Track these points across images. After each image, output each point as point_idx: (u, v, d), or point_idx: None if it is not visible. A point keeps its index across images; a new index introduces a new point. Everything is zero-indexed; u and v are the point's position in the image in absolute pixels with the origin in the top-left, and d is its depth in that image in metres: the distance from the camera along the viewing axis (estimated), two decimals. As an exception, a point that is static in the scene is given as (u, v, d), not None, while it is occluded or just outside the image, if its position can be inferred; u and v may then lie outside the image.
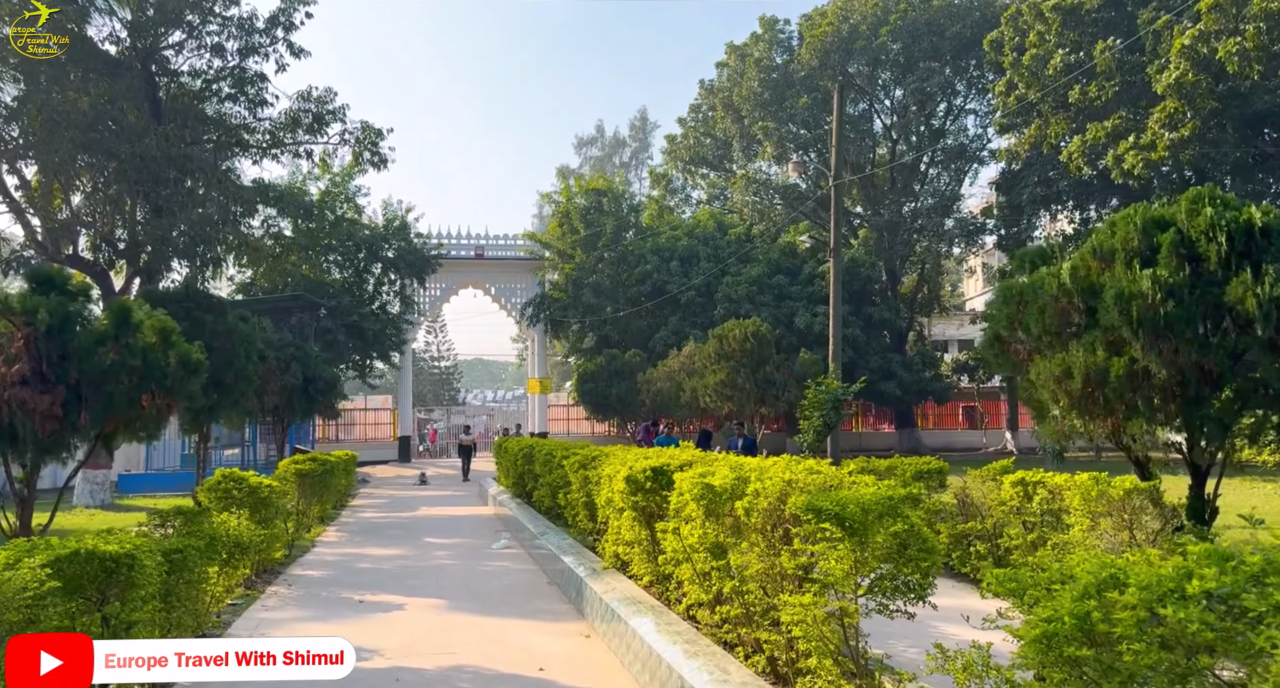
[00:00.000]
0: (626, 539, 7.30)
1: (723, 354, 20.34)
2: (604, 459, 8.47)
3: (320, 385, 18.73)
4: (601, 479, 8.10)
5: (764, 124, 34.83)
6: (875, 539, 3.97)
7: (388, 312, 35.66)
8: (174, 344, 7.39)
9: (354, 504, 21.86)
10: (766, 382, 19.80)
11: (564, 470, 10.62)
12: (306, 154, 24.96)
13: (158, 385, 7.15)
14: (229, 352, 12.39)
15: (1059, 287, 8.59)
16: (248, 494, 10.07)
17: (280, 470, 15.26)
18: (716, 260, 35.10)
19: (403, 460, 37.28)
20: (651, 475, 6.94)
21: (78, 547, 4.26)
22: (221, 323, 12.43)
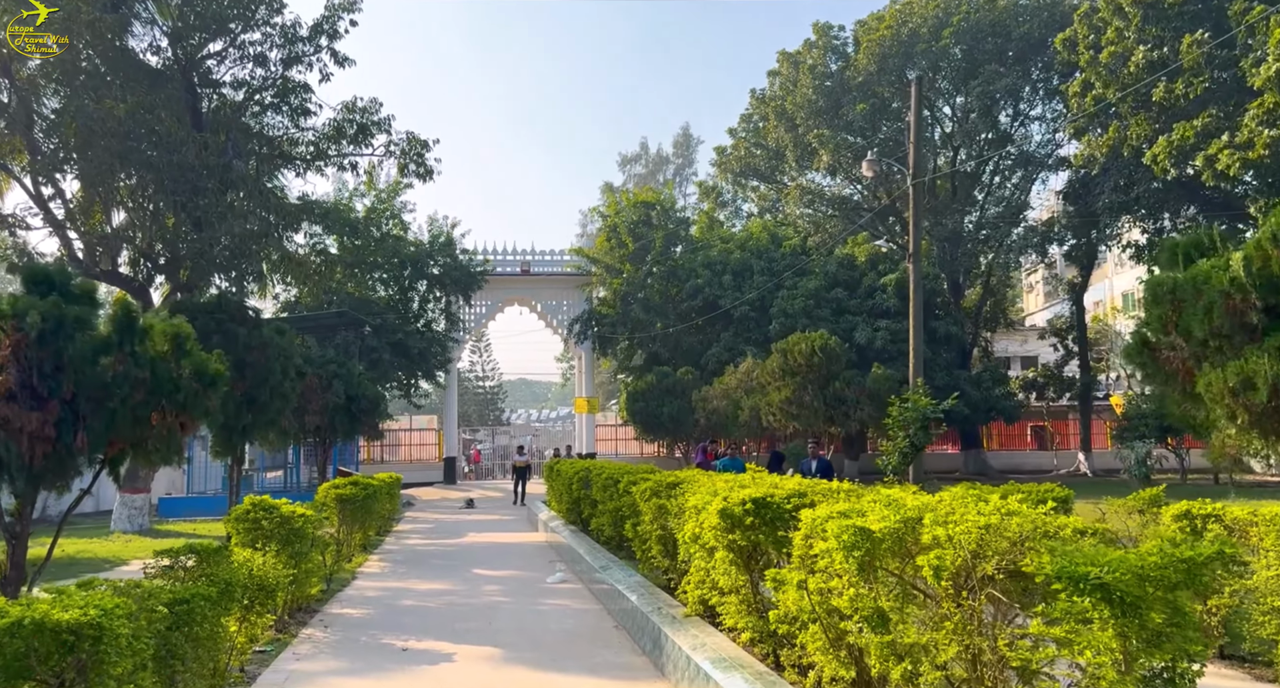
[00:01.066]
0: (721, 586, 6.03)
1: (787, 369, 19.01)
2: (686, 487, 7.22)
3: (363, 404, 17.76)
4: (685, 511, 6.85)
5: (819, 132, 33.55)
6: (1152, 619, 2.69)
7: (433, 329, 34.86)
8: (189, 353, 6.34)
9: (398, 530, 20.83)
10: (836, 399, 18.42)
11: (631, 498, 9.38)
12: (351, 166, 24.17)
13: (169, 401, 6.10)
14: (264, 367, 11.40)
15: (1229, 281, 7.20)
16: (279, 525, 8.99)
17: (320, 496, 14.24)
18: (770, 274, 33.77)
19: (448, 482, 36.33)
20: (753, 509, 5.69)
21: (22, 615, 3.14)
22: (256, 336, 11.46)
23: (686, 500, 6.79)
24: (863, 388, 18.65)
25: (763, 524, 5.67)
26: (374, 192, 34.32)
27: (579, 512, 14.93)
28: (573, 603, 10.43)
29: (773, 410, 19.65)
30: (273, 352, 11.46)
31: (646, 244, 34.93)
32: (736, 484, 6.34)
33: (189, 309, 11.50)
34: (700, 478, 7.36)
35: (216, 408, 6.77)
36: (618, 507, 11.29)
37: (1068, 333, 38.97)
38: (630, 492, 9.40)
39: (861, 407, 18.07)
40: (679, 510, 7.27)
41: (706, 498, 6.38)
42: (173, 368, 6.19)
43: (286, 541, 9.04)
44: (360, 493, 14.34)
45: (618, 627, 8.85)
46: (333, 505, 14.10)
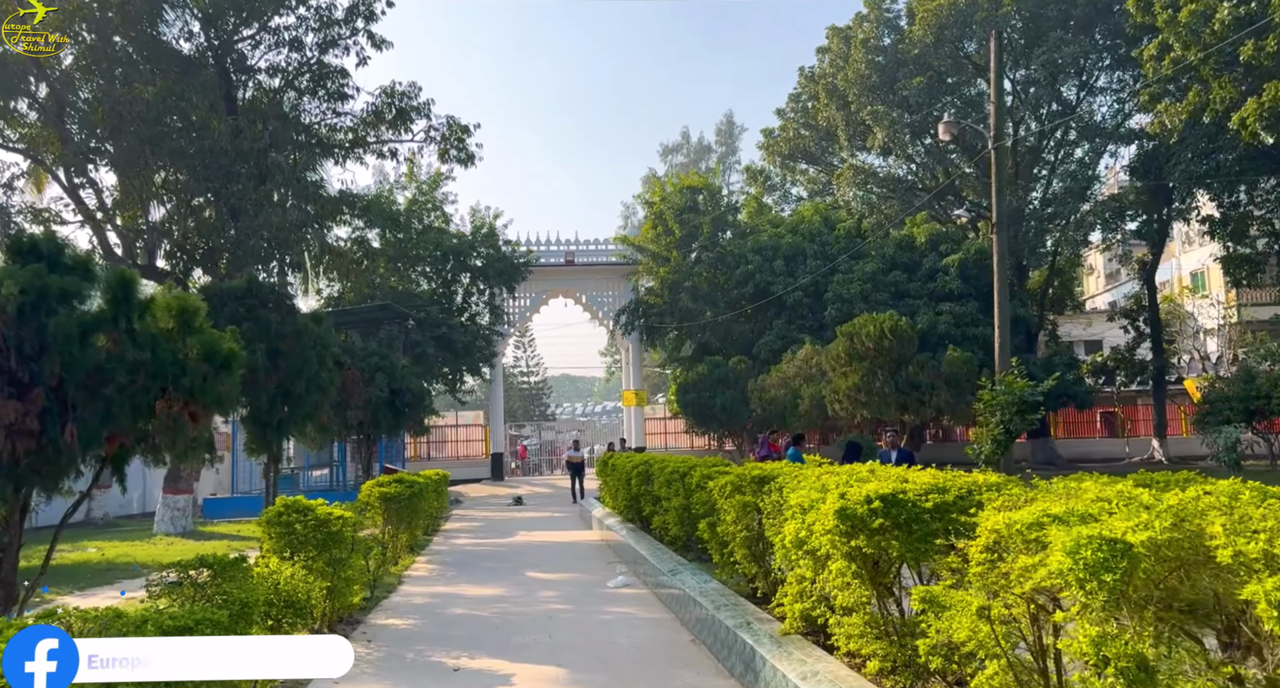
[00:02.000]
0: (838, 602, 4.91)
1: (854, 354, 17.76)
2: (784, 483, 6.10)
3: (407, 398, 16.92)
4: (784, 511, 5.74)
5: (874, 108, 32.06)
6: None
7: (477, 323, 34.08)
8: (197, 330, 5.39)
9: (446, 528, 19.99)
10: (909, 385, 17.13)
11: (707, 494, 8.29)
12: (391, 153, 23.43)
13: (174, 386, 5.16)
14: (299, 357, 10.51)
15: None
16: (314, 529, 8.06)
17: (363, 495, 13.39)
18: (824, 258, 32.41)
19: (495, 479, 35.59)
20: (882, 510, 4.57)
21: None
22: (290, 323, 10.58)
23: (787, 498, 5.68)
24: (937, 372, 17.36)
25: (894, 528, 4.55)
26: (415, 183, 33.61)
27: (638, 509, 13.89)
28: (640, 611, 9.38)
29: (839, 398, 18.42)
30: (307, 340, 10.57)
31: (693, 231, 33.77)
32: (852, 478, 5.21)
33: (217, 294, 10.65)
34: (800, 472, 6.23)
35: (233, 395, 5.82)
36: (686, 504, 10.21)
37: (1138, 314, 37.00)
38: (705, 487, 8.31)
39: (937, 392, 16.77)
40: (774, 509, 6.16)
41: (814, 496, 5.27)
42: (179, 348, 5.26)
43: (323, 546, 8.11)
44: (406, 492, 13.46)
45: (695, 641, 7.77)
46: (377, 505, 13.24)
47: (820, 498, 5.18)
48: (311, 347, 10.65)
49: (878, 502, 4.60)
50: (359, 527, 9.26)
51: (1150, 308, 36.47)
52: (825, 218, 34.82)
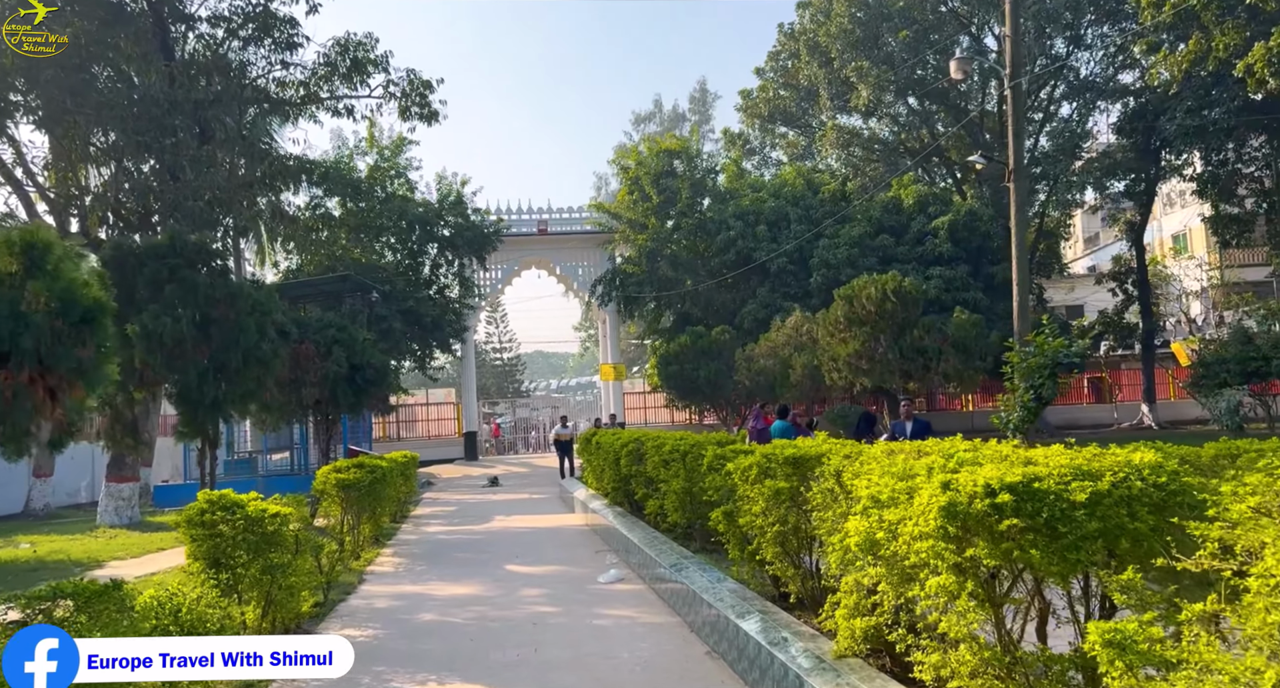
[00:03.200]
0: (950, 630, 3.57)
1: (853, 318, 16.47)
2: (840, 467, 4.72)
3: (369, 374, 15.41)
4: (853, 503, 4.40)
5: (858, 64, 30.64)
6: None
7: (446, 296, 32.45)
8: (49, 274, 3.91)
9: (416, 514, 18.58)
10: (914, 350, 15.88)
11: (721, 478, 6.94)
12: (347, 111, 21.65)
13: (15, 350, 3.71)
14: (234, 324, 9.02)
15: None
16: (244, 530, 6.62)
17: (319, 481, 11.94)
18: (808, 222, 31.07)
19: (469, 458, 34.15)
20: (1013, 504, 3.24)
21: None
22: (223, 286, 9.06)
23: (851, 487, 4.32)
24: (943, 336, 16.15)
25: (1031, 530, 3.21)
26: (376, 149, 31.77)
27: (628, 491, 12.55)
28: (640, 614, 8.05)
29: (837, 366, 17.16)
30: (244, 306, 9.06)
31: (671, 196, 32.26)
32: (950, 460, 3.85)
33: (133, 253, 9.08)
34: (861, 452, 4.88)
35: (104, 363, 4.35)
36: (689, 488, 8.88)
37: (1126, 277, 36.14)
38: (721, 470, 6.95)
39: (945, 358, 15.57)
40: (825, 500, 4.81)
41: (895, 484, 3.93)
42: (24, 297, 3.79)
43: (257, 551, 6.67)
44: (367, 477, 12.00)
45: (711, 655, 6.45)
46: (334, 493, 11.80)
47: (906, 489, 3.83)
48: (249, 313, 9.15)
49: (1006, 494, 3.26)
50: (308, 522, 7.82)
51: (1139, 270, 35.61)
52: (808, 181, 33.46)
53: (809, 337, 21.78)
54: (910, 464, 4.05)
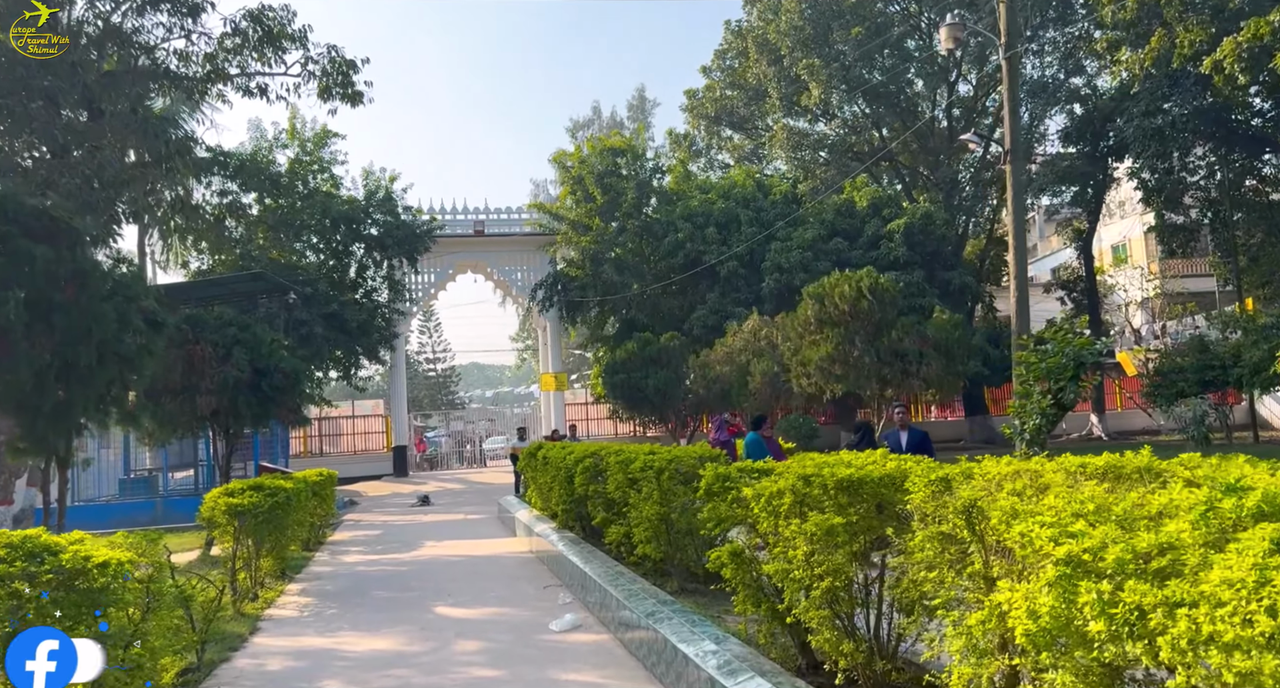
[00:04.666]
0: None
1: (825, 319, 14.96)
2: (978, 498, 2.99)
3: (277, 380, 13.30)
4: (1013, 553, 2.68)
5: (809, 62, 29.45)
6: None
7: (374, 300, 30.16)
8: None
9: (334, 539, 16.44)
10: (892, 353, 14.43)
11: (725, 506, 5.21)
12: (260, 91, 19.40)
13: None
14: (86, 311, 6.98)
15: None
16: (60, 587, 4.64)
17: (206, 507, 9.87)
18: (760, 225, 29.73)
19: (399, 475, 31.82)
20: None
21: None
22: (70, 260, 7.03)
23: (1015, 534, 2.59)
24: (924, 338, 14.78)
25: None
26: (297, 141, 29.41)
27: (581, 514, 10.76)
28: (609, 680, 6.24)
29: (806, 372, 15.63)
30: (98, 286, 7.04)
31: (616, 197, 30.60)
32: (1214, 489, 2.16)
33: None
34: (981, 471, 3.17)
35: None
36: (665, 514, 7.16)
37: (1075, 286, 35.69)
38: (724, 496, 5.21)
39: (926, 361, 14.18)
40: (946, 553, 3.09)
41: (1138, 541, 2.22)
42: None
43: (76, 617, 4.70)
44: (266, 501, 9.96)
45: (718, 748, 4.68)
46: (224, 521, 9.75)
47: (1159, 545, 2.14)
48: (107, 297, 7.12)
49: None
50: (160, 572, 5.83)
51: (1088, 279, 35.19)
52: (759, 182, 32.16)
53: (768, 342, 20.30)
54: (1100, 498, 2.37)
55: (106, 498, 21.85)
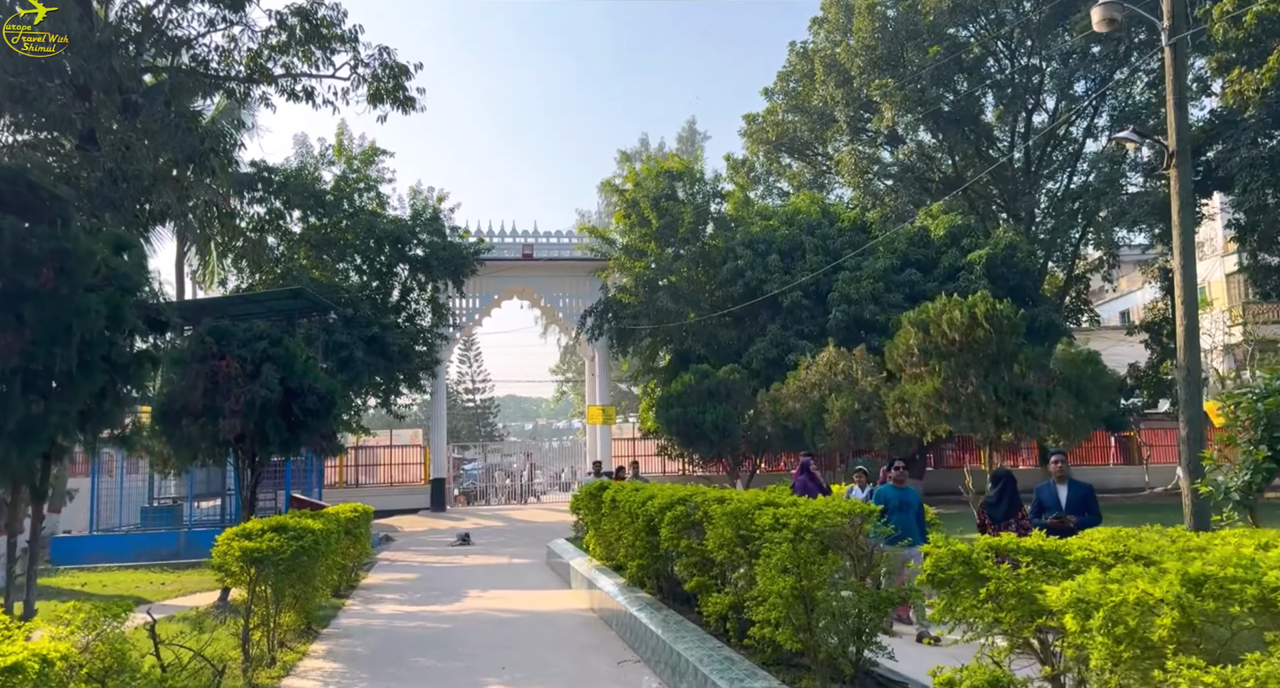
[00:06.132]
0: None
1: (930, 350, 13.07)
2: None
3: (310, 402, 11.69)
4: None
5: (882, 82, 27.84)
6: None
7: (417, 324, 28.75)
8: None
9: (368, 582, 14.74)
10: (1014, 391, 12.49)
11: (975, 601, 3.36)
12: (307, 94, 18.15)
13: None
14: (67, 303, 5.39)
15: None
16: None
17: (219, 551, 8.21)
18: (826, 253, 27.93)
19: (436, 509, 30.15)
20: None
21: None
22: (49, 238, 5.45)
23: None
24: (1051, 375, 12.84)
25: None
26: (344, 158, 28.29)
27: (663, 572, 8.92)
28: None
29: (907, 409, 13.73)
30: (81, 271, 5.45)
31: (673, 221, 29.01)
32: None
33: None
34: None
35: None
36: (806, 589, 5.34)
37: (1161, 328, 33.25)
38: (989, 587, 3.37)
39: (1057, 402, 12.22)
40: None
41: None
42: None
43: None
44: (289, 546, 8.28)
45: None
46: (239, 570, 8.09)
47: None
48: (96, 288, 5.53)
49: None
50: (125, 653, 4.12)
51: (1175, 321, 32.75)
52: (824, 209, 30.43)
53: (845, 376, 18.43)
54: None
55: (127, 528, 20.39)
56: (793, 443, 21.51)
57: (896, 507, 8.30)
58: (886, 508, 7.83)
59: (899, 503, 8.54)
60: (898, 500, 8.61)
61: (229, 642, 8.79)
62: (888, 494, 8.59)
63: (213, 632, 10.16)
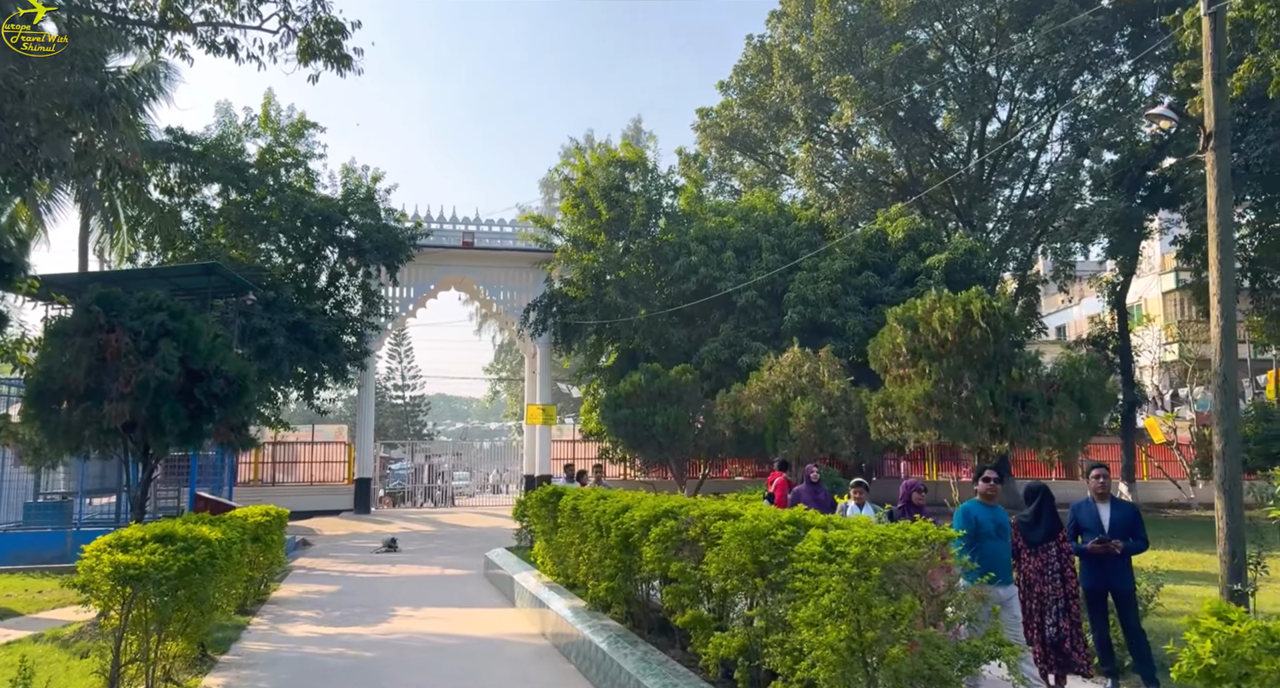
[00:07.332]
0: None
1: (920, 350, 11.91)
2: None
3: (217, 387, 9.96)
4: None
5: (843, 79, 26.92)
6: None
7: (345, 311, 26.76)
8: None
9: (279, 595, 12.96)
10: (1011, 397, 11.39)
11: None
12: (229, 47, 16.18)
13: None
14: None
15: None
16: None
17: (85, 565, 6.52)
18: (783, 253, 26.88)
19: (360, 511, 28.15)
20: None
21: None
22: None
23: None
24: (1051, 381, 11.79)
25: None
26: (271, 129, 26.15)
27: (637, 596, 7.49)
28: None
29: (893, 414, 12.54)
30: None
31: (624, 214, 27.62)
32: None
33: None
34: None
35: None
36: (861, 646, 3.96)
37: (1106, 342, 33.10)
38: None
39: (1059, 410, 11.16)
40: None
41: None
42: None
43: None
44: (176, 562, 6.62)
45: None
46: (108, 589, 6.42)
47: None
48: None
49: None
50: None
51: (1121, 336, 32.67)
52: (781, 207, 29.40)
53: (811, 378, 17.28)
54: None
55: (6, 526, 18.08)
56: (749, 448, 20.31)
57: (991, 532, 6.55)
58: (977, 533, 6.44)
59: (993, 527, 6.61)
60: (991, 524, 6.65)
61: (92, 682, 7.07)
62: (977, 514, 6.65)
63: (82, 658, 8.40)
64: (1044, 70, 27.26)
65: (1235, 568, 8.46)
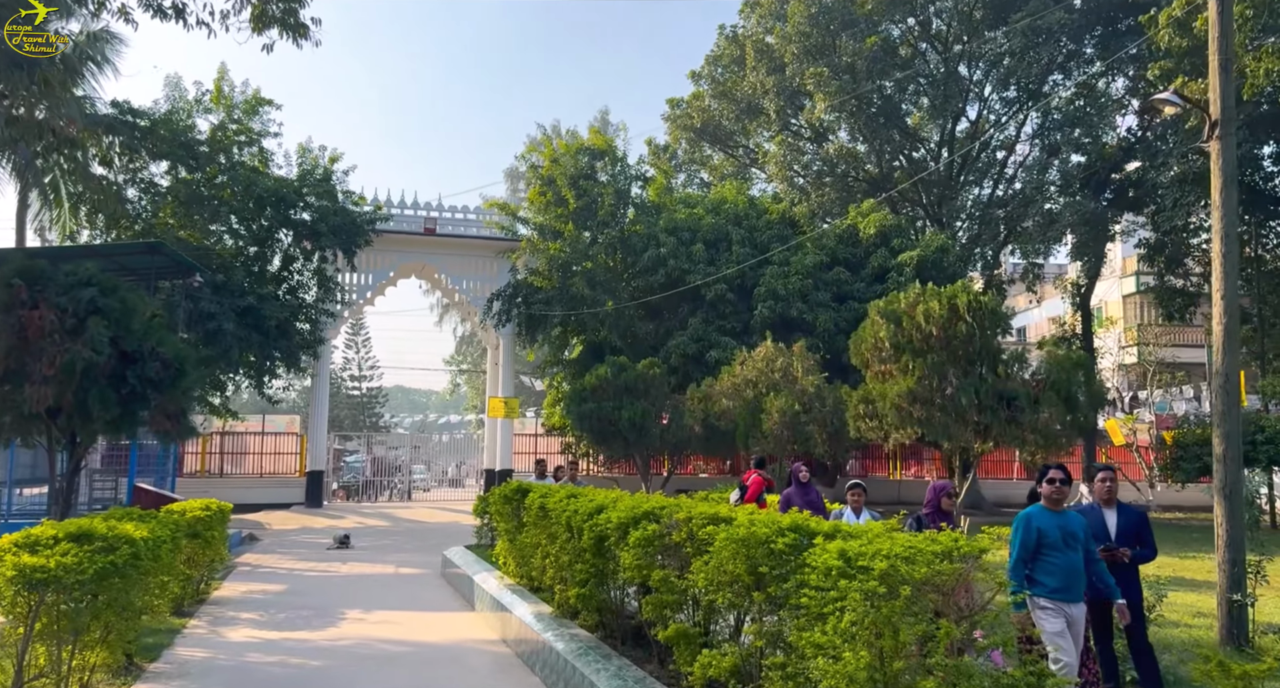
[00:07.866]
0: None
1: (903, 345, 11.44)
2: None
3: (153, 371, 9.14)
4: None
5: (816, 70, 26.48)
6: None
7: (299, 297, 25.75)
8: None
9: (221, 594, 12.13)
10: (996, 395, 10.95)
11: None
12: (176, 11, 15.23)
13: None
14: None
15: None
16: None
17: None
18: (754, 246, 26.40)
19: (312, 505, 27.16)
20: None
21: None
22: None
23: None
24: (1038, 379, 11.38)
25: None
26: (224, 105, 25.03)
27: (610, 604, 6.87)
28: None
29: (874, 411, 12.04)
30: None
31: (592, 203, 26.92)
32: None
33: None
34: None
35: None
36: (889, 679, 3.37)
37: (1070, 343, 33.13)
38: None
39: (1044, 408, 10.74)
40: None
41: None
42: None
43: None
44: (93, 565, 5.86)
45: None
46: (11, 597, 5.65)
47: None
48: None
49: None
50: None
51: (1085, 337, 32.73)
52: (752, 200, 28.91)
53: (785, 374, 16.79)
54: None
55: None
56: (718, 445, 19.80)
57: (1058, 542, 5.49)
58: (1040, 544, 5.50)
59: (1060, 537, 5.51)
60: (1058, 532, 5.54)
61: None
62: (1040, 523, 5.56)
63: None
64: (1017, 69, 27.07)
65: (1235, 577, 8.07)
